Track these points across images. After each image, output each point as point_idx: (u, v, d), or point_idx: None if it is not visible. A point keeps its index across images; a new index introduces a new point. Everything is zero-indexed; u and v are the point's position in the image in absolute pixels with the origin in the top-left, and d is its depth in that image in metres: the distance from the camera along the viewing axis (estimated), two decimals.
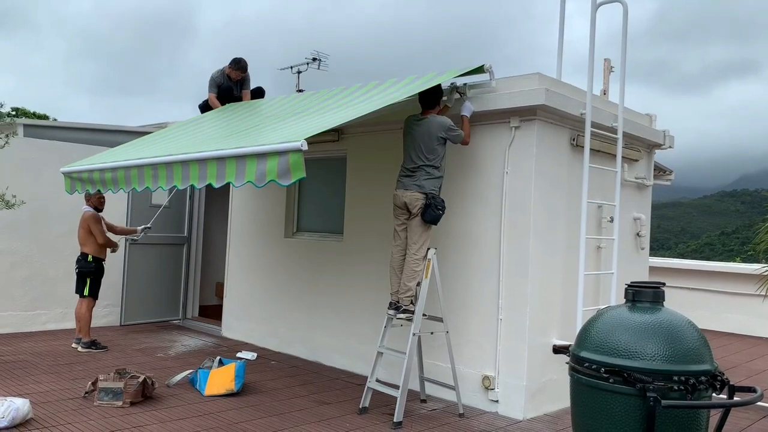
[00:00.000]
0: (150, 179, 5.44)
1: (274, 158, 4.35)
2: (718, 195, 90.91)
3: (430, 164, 5.36)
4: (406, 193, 5.36)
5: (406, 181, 5.41)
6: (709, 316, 10.59)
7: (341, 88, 6.52)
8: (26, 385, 5.71)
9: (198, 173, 4.96)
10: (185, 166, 5.08)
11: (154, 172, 5.39)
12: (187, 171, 5.06)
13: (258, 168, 4.45)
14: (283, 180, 4.33)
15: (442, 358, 5.76)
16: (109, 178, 5.93)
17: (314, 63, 9.78)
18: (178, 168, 5.15)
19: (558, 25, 6.59)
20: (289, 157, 4.27)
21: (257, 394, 5.80)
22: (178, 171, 5.15)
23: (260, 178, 4.45)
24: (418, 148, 5.39)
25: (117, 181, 5.84)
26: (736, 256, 27.74)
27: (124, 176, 5.73)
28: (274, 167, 4.34)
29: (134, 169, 5.60)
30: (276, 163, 4.34)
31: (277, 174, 4.33)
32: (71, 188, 6.58)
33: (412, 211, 5.36)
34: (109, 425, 4.75)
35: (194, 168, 4.99)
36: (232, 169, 4.67)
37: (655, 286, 3.05)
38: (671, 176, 11.85)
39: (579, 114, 5.68)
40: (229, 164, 4.69)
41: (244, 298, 8.24)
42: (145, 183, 5.50)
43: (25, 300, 8.11)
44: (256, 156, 4.48)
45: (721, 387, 2.85)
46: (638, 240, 7.10)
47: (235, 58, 7.94)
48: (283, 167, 4.30)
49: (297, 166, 4.24)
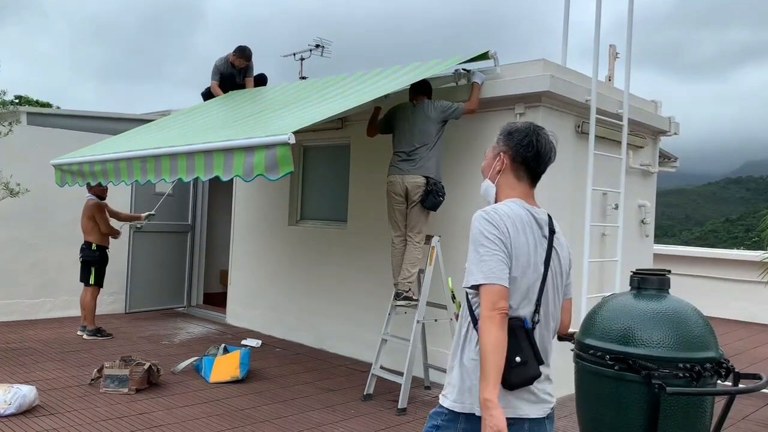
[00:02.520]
0: (139, 172, 5.35)
1: (261, 152, 4.21)
2: (723, 182, 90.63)
3: (429, 145, 5.32)
4: (406, 177, 5.32)
5: (404, 166, 5.35)
6: (713, 304, 10.57)
7: (343, 75, 6.49)
8: (32, 372, 5.74)
9: (186, 166, 4.85)
10: (173, 158, 4.98)
11: (142, 164, 5.30)
12: (175, 164, 4.96)
13: (246, 161, 4.31)
14: (271, 174, 4.17)
15: (446, 345, 5.77)
16: (98, 170, 5.85)
17: (317, 50, 9.73)
18: (166, 161, 5.05)
19: (563, 11, 6.54)
20: (276, 150, 4.11)
21: (262, 381, 5.83)
22: (166, 164, 5.05)
23: (248, 172, 4.31)
24: (417, 131, 5.34)
25: (106, 174, 5.77)
26: (741, 244, 27.71)
27: (113, 168, 5.65)
28: (262, 161, 4.19)
29: (123, 162, 5.52)
30: (263, 157, 4.18)
31: (265, 168, 4.18)
32: (61, 181, 6.52)
33: (412, 198, 5.32)
34: (115, 412, 4.78)
35: (182, 161, 4.89)
36: (219, 162, 4.53)
37: (661, 273, 3.04)
38: (676, 163, 11.79)
39: (584, 100, 5.65)
40: (217, 157, 4.55)
41: (248, 286, 8.26)
42: (134, 176, 5.41)
43: (30, 288, 8.14)
44: (244, 149, 4.34)
45: (726, 374, 2.84)
46: (643, 227, 7.08)
47: (239, 46, 7.92)
48: (271, 161, 4.15)
49: (285, 160, 4.09)
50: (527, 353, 2.13)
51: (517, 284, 2.16)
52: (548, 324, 2.29)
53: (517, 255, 2.16)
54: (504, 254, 2.13)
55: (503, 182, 2.32)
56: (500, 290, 2.09)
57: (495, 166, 2.32)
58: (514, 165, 2.28)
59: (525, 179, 2.30)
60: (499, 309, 2.06)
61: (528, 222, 2.22)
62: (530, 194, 2.32)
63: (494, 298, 2.07)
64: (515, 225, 2.17)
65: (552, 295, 2.28)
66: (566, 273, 2.37)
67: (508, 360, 2.08)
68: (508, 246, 2.15)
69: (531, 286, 2.19)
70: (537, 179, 2.33)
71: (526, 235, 2.19)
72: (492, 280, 2.09)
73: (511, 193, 2.30)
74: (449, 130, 6.07)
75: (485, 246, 2.15)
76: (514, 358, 2.10)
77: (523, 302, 2.18)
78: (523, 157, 2.26)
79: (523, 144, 2.26)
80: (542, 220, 2.27)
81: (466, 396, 2.21)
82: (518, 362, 2.11)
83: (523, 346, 2.13)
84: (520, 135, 2.26)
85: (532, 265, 2.19)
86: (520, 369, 2.11)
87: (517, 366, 2.11)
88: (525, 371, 2.12)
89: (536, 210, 2.28)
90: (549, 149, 2.28)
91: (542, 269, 2.22)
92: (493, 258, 2.12)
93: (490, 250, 2.14)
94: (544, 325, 2.26)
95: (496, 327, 2.04)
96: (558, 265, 2.30)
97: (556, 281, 2.29)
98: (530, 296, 2.20)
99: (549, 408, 2.27)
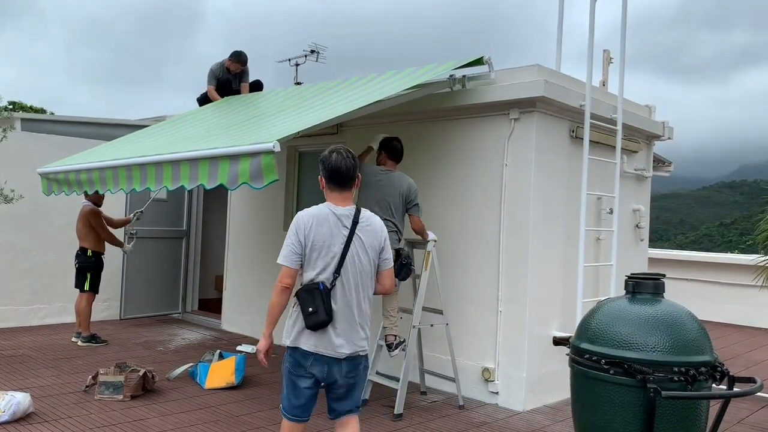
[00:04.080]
0: (124, 181, 5.29)
1: (246, 160, 4.13)
2: (717, 186, 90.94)
3: (396, 222, 5.19)
4: None
5: None
6: (708, 307, 10.60)
7: (338, 81, 6.50)
8: (27, 379, 5.71)
9: (171, 175, 4.78)
10: (158, 167, 4.92)
11: (128, 173, 5.24)
12: (160, 172, 4.90)
13: (230, 170, 4.24)
14: (255, 182, 4.09)
15: (442, 351, 5.77)
16: (84, 179, 5.80)
17: (312, 55, 9.75)
18: (151, 169, 4.99)
19: (557, 16, 6.58)
20: (261, 158, 4.04)
21: (258, 387, 5.81)
22: (152, 172, 4.99)
23: (232, 180, 4.24)
24: (387, 204, 5.15)
25: (92, 182, 5.71)
26: (735, 247, 27.81)
27: (99, 177, 5.59)
28: (246, 169, 4.12)
29: (109, 171, 5.46)
30: (248, 165, 4.11)
31: (250, 176, 4.11)
32: (48, 189, 6.46)
33: None
34: (110, 419, 4.76)
35: (167, 169, 4.82)
36: (204, 170, 4.46)
37: (656, 277, 3.05)
38: (670, 167, 11.85)
39: (578, 105, 5.67)
40: (202, 166, 4.48)
41: (243, 291, 8.24)
42: (119, 184, 5.35)
43: (25, 294, 8.11)
44: (229, 157, 4.26)
45: (720, 378, 2.85)
46: (637, 231, 7.10)
47: (235, 51, 7.96)
48: (255, 169, 4.07)
49: (269, 169, 4.01)
50: (318, 305, 3.12)
51: (313, 261, 3.18)
52: (352, 289, 3.21)
53: (314, 241, 3.17)
54: (296, 244, 3.18)
55: (325, 193, 3.33)
56: (286, 270, 3.19)
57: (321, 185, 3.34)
58: (326, 182, 3.30)
59: (332, 189, 3.28)
60: (282, 283, 3.19)
61: (326, 218, 3.20)
62: (338, 198, 3.27)
63: (282, 274, 3.19)
64: (314, 220, 3.20)
65: (356, 268, 3.21)
66: (375, 250, 3.28)
67: (304, 310, 3.15)
68: (302, 237, 3.18)
69: (329, 262, 3.17)
70: (343, 187, 3.27)
71: (323, 227, 3.18)
72: (284, 262, 3.18)
73: (327, 199, 3.31)
74: (442, 135, 6.09)
75: (289, 238, 3.21)
76: (308, 309, 3.13)
77: (321, 272, 3.17)
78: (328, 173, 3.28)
79: (324, 167, 3.28)
80: (343, 215, 3.22)
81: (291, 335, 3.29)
82: (311, 311, 3.12)
83: (316, 301, 3.12)
84: (322, 160, 3.28)
85: (327, 247, 3.17)
86: (312, 316, 3.12)
87: (310, 314, 3.13)
88: (316, 317, 3.12)
89: (339, 209, 3.23)
90: (338, 165, 3.23)
91: (339, 250, 3.18)
92: (288, 247, 3.19)
93: (289, 240, 3.20)
94: (347, 289, 3.20)
95: (276, 294, 3.22)
96: (362, 245, 3.22)
97: (358, 258, 3.21)
98: (327, 269, 3.17)
99: (345, 353, 3.19)
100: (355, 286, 3.22)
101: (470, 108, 5.79)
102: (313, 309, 3.12)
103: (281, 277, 3.19)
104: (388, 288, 3.43)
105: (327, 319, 3.12)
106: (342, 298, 3.19)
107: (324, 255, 3.17)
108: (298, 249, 3.18)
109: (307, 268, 3.21)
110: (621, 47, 6.35)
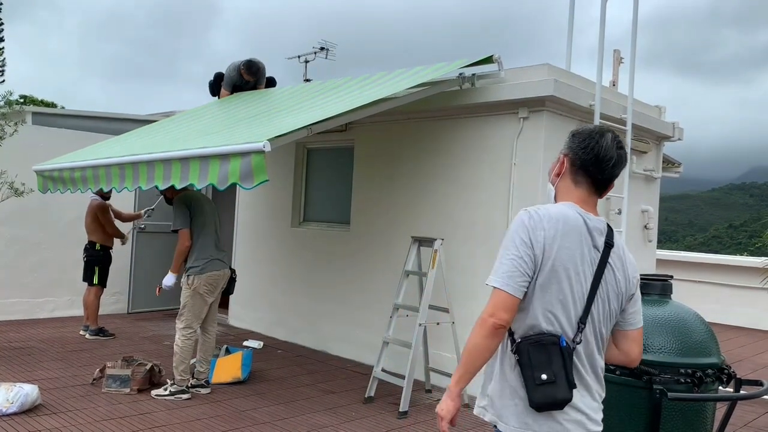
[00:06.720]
0: (117, 179, 5.29)
1: (236, 159, 4.13)
2: (727, 188, 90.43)
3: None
4: (226, 270, 5.59)
5: (225, 257, 5.63)
6: (715, 310, 10.56)
7: (347, 78, 6.50)
8: (35, 371, 5.76)
9: (162, 173, 4.78)
10: (150, 166, 4.92)
11: (120, 171, 5.25)
12: (152, 171, 4.90)
13: (221, 169, 4.23)
14: (245, 182, 4.08)
15: (447, 349, 5.77)
16: (78, 177, 5.83)
17: (322, 52, 9.76)
18: (143, 168, 5.00)
19: (568, 16, 6.55)
20: (251, 158, 4.03)
21: (264, 382, 5.84)
22: (143, 171, 4.99)
23: (222, 180, 4.23)
24: (219, 226, 5.66)
25: (86, 180, 5.73)
26: (744, 250, 27.62)
27: (93, 175, 5.61)
28: (236, 169, 4.12)
29: (102, 169, 5.48)
30: (238, 165, 4.11)
31: (240, 176, 4.10)
32: (43, 187, 6.47)
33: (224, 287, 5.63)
34: (117, 412, 4.79)
35: (159, 168, 4.82)
36: (195, 169, 4.46)
37: (664, 279, 3.04)
38: (680, 168, 11.78)
39: (588, 105, 5.65)
40: (193, 165, 4.49)
41: (251, 287, 8.27)
42: (111, 183, 5.37)
43: (33, 287, 8.16)
44: (219, 157, 4.26)
45: (727, 380, 2.84)
46: (646, 232, 7.07)
47: (248, 61, 7.58)
48: (246, 169, 4.06)
49: (259, 169, 3.99)
50: (557, 373, 1.95)
51: (549, 293, 2.00)
52: (593, 348, 2.08)
53: (556, 260, 1.99)
54: (526, 259, 1.99)
55: (561, 186, 2.17)
56: (506, 299, 1.97)
57: (555, 169, 2.19)
58: (573, 169, 2.12)
59: (583, 184, 2.12)
60: (496, 317, 1.96)
61: (576, 227, 2.03)
62: (589, 201, 2.12)
63: (497, 305, 1.98)
64: (557, 227, 2.00)
65: (601, 317, 2.07)
66: (626, 298, 2.13)
67: (533, 377, 1.96)
68: (538, 250, 1.99)
69: (573, 300, 2.01)
70: (600, 186, 2.13)
71: (570, 241, 2.01)
72: (501, 286, 1.98)
73: (567, 197, 2.13)
74: (450, 134, 6.08)
75: (510, 248, 2.02)
76: (540, 375, 1.96)
77: (558, 316, 2.00)
78: (582, 160, 2.10)
79: (582, 147, 2.10)
80: (596, 229, 2.06)
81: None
82: (544, 380, 1.95)
83: (554, 365, 1.96)
84: (582, 137, 2.12)
85: (576, 275, 2.01)
86: (546, 388, 1.95)
87: (543, 384, 1.95)
88: (553, 391, 1.95)
89: (591, 217, 2.08)
90: (611, 155, 2.08)
91: (589, 283, 2.03)
92: (510, 261, 2.00)
93: (511, 252, 2.00)
94: (589, 349, 2.07)
95: (482, 334, 1.98)
96: (614, 285, 2.08)
97: (608, 300, 2.08)
98: (569, 310, 2.01)
99: None
100: (595, 341, 2.09)
101: (479, 107, 5.79)
102: (549, 378, 1.96)
103: (493, 309, 1.98)
104: (634, 358, 2.24)
105: (567, 398, 1.97)
106: (587, 361, 2.08)
107: (567, 287, 2.01)
108: (529, 267, 2.00)
109: (531, 301, 2.02)
110: (632, 47, 6.32)
